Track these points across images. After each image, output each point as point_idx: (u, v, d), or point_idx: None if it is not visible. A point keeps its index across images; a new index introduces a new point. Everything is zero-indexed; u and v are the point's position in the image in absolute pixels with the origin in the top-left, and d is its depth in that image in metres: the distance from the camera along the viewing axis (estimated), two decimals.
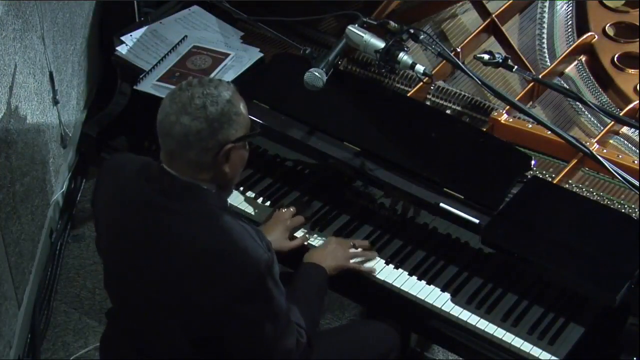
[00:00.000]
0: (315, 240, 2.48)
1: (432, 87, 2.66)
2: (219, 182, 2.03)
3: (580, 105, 2.61)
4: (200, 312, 1.98)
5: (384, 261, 2.44)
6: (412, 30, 2.33)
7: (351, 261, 2.39)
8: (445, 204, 2.34)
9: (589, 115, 2.59)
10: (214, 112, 1.93)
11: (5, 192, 2.82)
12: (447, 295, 2.35)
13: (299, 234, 2.48)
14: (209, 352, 2.06)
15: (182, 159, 1.97)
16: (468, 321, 2.29)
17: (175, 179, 1.98)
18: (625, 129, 2.54)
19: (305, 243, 2.46)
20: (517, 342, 2.23)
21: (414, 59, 2.30)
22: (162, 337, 2.08)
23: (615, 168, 2.13)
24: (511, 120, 2.54)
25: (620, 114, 2.51)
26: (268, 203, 2.60)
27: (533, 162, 2.42)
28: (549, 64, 2.70)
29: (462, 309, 2.31)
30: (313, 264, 2.32)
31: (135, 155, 2.21)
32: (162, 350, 2.10)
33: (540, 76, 2.56)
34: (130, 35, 2.86)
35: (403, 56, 2.29)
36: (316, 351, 2.22)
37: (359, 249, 2.42)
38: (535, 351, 2.21)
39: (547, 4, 2.86)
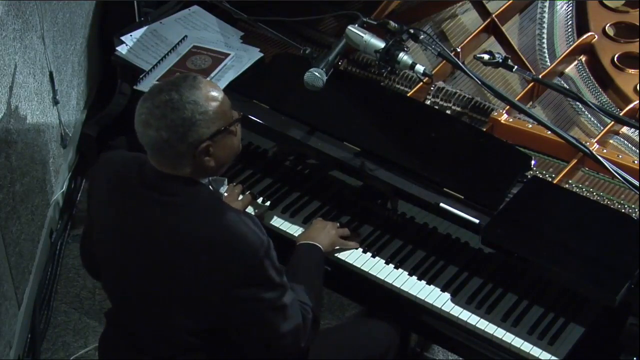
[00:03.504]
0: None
1: (432, 88, 2.66)
2: (208, 174, 2.06)
3: (580, 105, 2.61)
4: (204, 302, 2.00)
5: (384, 261, 2.44)
6: (412, 30, 2.33)
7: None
8: (445, 204, 2.34)
9: (589, 115, 2.59)
10: (175, 119, 1.95)
11: (5, 192, 2.82)
12: (447, 295, 2.35)
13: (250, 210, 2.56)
14: (211, 345, 2.08)
15: (163, 163, 2.00)
16: (468, 321, 2.29)
17: (167, 175, 2.01)
18: (625, 129, 2.54)
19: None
20: (517, 342, 2.23)
21: (414, 59, 2.30)
22: (163, 333, 2.08)
23: (615, 168, 2.13)
24: (511, 120, 2.54)
25: (620, 114, 2.51)
26: (268, 203, 2.60)
27: (533, 162, 2.42)
28: (549, 64, 2.70)
29: (462, 309, 2.31)
30: (308, 244, 2.35)
31: (127, 152, 2.22)
32: (163, 348, 2.11)
33: (540, 76, 2.56)
34: (130, 35, 2.86)
35: (403, 56, 2.29)
36: (314, 350, 2.22)
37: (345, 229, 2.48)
38: (535, 351, 2.21)
39: (547, 4, 2.86)
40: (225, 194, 2.52)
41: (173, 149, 1.97)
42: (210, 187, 2.12)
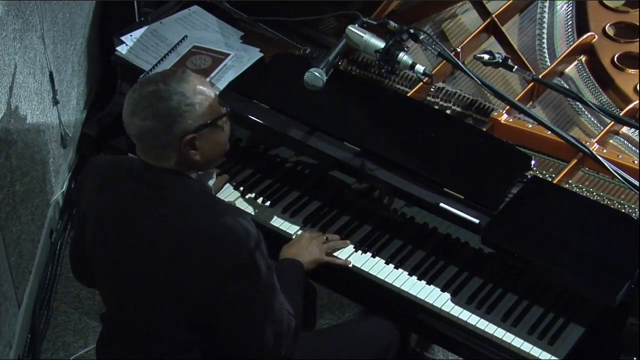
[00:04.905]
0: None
1: (432, 88, 2.66)
2: (194, 168, 2.07)
3: (580, 105, 2.61)
4: (194, 296, 2.00)
5: (384, 261, 2.44)
6: (412, 30, 2.33)
7: (325, 254, 2.42)
8: (445, 204, 2.34)
9: (589, 115, 2.59)
10: (161, 108, 1.95)
11: (5, 192, 2.82)
12: (447, 295, 2.35)
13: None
14: (205, 342, 2.08)
15: (151, 154, 2.01)
16: (468, 321, 2.29)
17: (156, 169, 2.01)
18: (625, 129, 2.54)
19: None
20: (517, 342, 2.23)
21: (414, 59, 2.30)
22: (156, 330, 2.09)
23: (615, 168, 2.12)
24: (511, 120, 2.54)
25: (620, 114, 2.51)
26: (268, 203, 2.60)
27: (533, 162, 2.42)
28: (549, 64, 2.70)
29: (462, 309, 2.31)
30: (289, 259, 2.34)
31: (114, 155, 2.23)
32: (157, 345, 2.11)
33: (540, 76, 2.56)
34: (130, 35, 2.86)
35: (403, 56, 2.29)
36: (313, 350, 2.22)
37: (332, 242, 2.46)
38: (535, 351, 2.21)
39: (547, 4, 2.86)
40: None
41: (158, 139, 1.97)
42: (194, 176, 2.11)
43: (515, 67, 2.38)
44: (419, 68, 2.29)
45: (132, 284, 2.07)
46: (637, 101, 2.57)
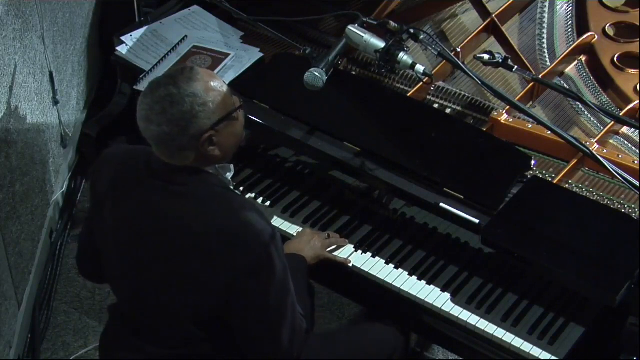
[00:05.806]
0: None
1: (432, 87, 2.66)
2: (214, 163, 2.07)
3: (580, 105, 2.61)
4: (209, 291, 2.00)
5: (384, 261, 2.44)
6: (412, 30, 2.33)
7: (327, 250, 2.43)
8: (445, 204, 2.34)
9: (589, 115, 2.59)
10: (175, 113, 1.95)
11: (5, 192, 2.82)
12: (447, 295, 2.35)
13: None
14: (216, 337, 2.08)
15: (169, 155, 2.02)
16: (468, 321, 2.29)
17: (174, 167, 2.02)
18: (625, 129, 2.54)
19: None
20: (517, 342, 2.23)
21: (414, 59, 2.30)
22: (168, 323, 2.09)
23: (615, 168, 2.13)
24: (511, 120, 2.54)
25: (620, 114, 2.51)
26: (268, 203, 2.60)
27: (533, 162, 2.42)
28: (549, 64, 2.70)
29: (462, 309, 2.31)
30: (293, 255, 2.34)
31: (130, 145, 2.23)
32: (167, 339, 2.11)
33: (540, 76, 2.56)
34: (130, 35, 2.86)
35: (403, 56, 2.29)
36: (319, 352, 2.22)
37: (333, 239, 2.46)
38: (535, 351, 2.21)
39: (547, 4, 2.86)
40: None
41: (176, 142, 1.98)
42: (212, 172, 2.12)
43: (515, 67, 2.38)
44: (419, 68, 2.29)
45: (147, 276, 2.07)
46: (637, 101, 2.57)
